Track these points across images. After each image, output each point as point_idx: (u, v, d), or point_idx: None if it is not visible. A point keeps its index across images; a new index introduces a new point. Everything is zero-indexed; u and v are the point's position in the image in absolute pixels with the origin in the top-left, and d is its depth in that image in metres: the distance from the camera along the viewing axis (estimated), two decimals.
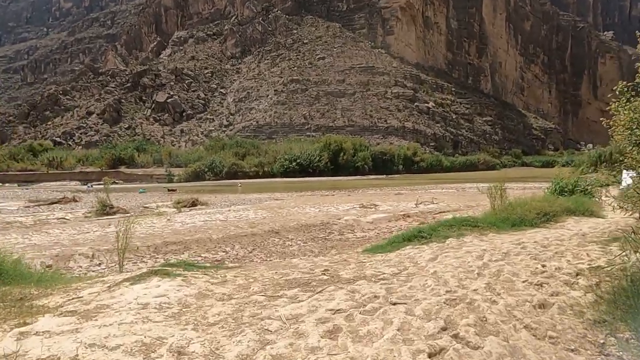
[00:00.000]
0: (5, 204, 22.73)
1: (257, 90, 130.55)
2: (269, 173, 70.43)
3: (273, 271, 4.94)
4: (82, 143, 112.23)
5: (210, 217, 13.00)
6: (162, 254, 8.14)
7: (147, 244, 8.59)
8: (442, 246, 5.90)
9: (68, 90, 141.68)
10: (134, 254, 8.08)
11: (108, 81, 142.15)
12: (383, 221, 11.83)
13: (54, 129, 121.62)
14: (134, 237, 9.30)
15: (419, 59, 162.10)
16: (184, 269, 4.97)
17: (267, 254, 8.13)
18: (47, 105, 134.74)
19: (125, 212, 16.24)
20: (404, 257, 5.31)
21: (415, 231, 7.07)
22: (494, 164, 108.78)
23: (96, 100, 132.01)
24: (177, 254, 8.15)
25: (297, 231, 10.45)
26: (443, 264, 4.60)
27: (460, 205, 15.00)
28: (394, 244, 6.92)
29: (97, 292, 3.87)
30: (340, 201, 17.88)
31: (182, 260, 5.45)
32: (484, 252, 5.11)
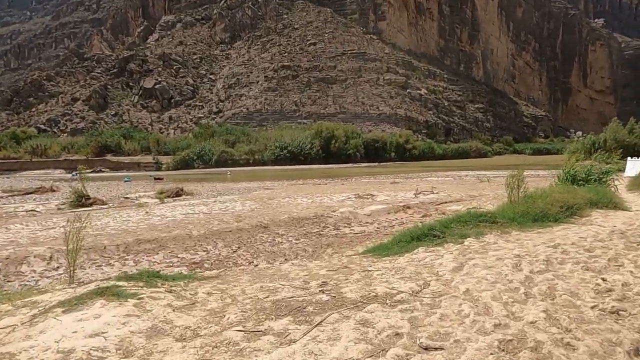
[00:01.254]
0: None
1: (247, 76, 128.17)
2: (260, 161, 69.14)
3: (258, 284, 3.93)
4: (68, 130, 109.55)
5: (193, 209, 11.91)
6: (133, 255, 7.07)
7: (117, 242, 7.50)
8: (463, 249, 4.93)
9: (52, 75, 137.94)
10: (100, 254, 7.00)
11: (94, 67, 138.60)
12: (382, 213, 10.85)
13: (38, 115, 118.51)
14: (104, 233, 8.21)
15: (411, 45, 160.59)
16: (145, 282, 3.92)
17: (254, 253, 7.10)
18: (31, 91, 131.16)
19: (102, 204, 15.07)
20: (420, 265, 4.32)
21: (425, 229, 6.09)
22: (485, 152, 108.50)
23: (81, 87, 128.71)
24: (151, 255, 7.08)
25: (288, 225, 9.42)
26: (473, 276, 3.63)
27: (462, 194, 14.08)
28: (401, 243, 5.94)
29: (13, 326, 2.83)
30: (334, 191, 16.87)
31: (145, 271, 4.40)
32: (518, 258, 4.16)
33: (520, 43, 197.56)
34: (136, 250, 7.26)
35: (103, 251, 7.12)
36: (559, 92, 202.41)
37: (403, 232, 6.67)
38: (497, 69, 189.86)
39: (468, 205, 11.60)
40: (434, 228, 6.03)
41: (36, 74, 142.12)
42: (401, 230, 8.58)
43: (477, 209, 10.92)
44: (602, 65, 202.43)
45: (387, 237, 7.94)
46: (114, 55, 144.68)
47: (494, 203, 11.73)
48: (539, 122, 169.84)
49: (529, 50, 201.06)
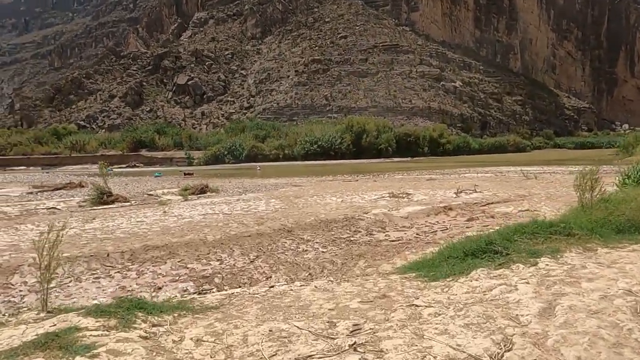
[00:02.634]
0: (9, 189, 21.54)
1: (278, 71, 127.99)
2: (290, 156, 68.60)
3: (266, 326, 2.91)
4: (105, 126, 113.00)
5: (213, 208, 11.08)
6: (138, 264, 6.23)
7: (123, 248, 6.69)
8: (541, 276, 3.73)
9: (91, 73, 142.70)
10: (101, 262, 6.20)
11: (130, 64, 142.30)
12: (420, 216, 9.64)
13: (77, 112, 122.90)
14: (112, 237, 7.45)
15: (445, 37, 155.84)
16: (119, 320, 2.98)
17: (273, 265, 6.10)
18: (71, 89, 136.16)
19: (124, 201, 14.55)
20: (487, 301, 3.18)
21: (481, 241, 4.90)
22: (524, 146, 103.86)
23: (118, 84, 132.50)
24: (157, 264, 6.22)
25: (314, 229, 8.38)
26: (578, 331, 2.47)
27: (509, 194, 12.63)
28: (451, 260, 4.78)
29: None
30: (366, 188, 15.71)
31: (126, 300, 3.48)
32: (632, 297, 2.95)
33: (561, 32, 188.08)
34: (142, 259, 6.42)
35: (105, 259, 6.31)
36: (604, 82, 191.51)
37: (452, 243, 5.50)
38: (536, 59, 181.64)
39: (519, 207, 10.21)
40: (493, 241, 4.83)
41: (76, 72, 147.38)
42: (445, 237, 7.39)
43: (531, 212, 9.53)
44: None
45: (429, 247, 6.77)
46: (148, 52, 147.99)
47: (550, 205, 10.29)
48: (581, 114, 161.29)
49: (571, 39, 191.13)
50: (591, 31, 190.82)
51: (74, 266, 6.08)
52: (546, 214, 9.02)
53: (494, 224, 8.36)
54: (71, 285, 5.41)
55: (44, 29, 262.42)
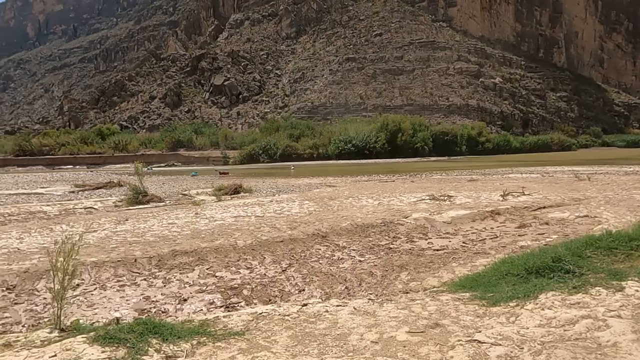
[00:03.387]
0: (53, 188, 22.27)
1: (312, 70, 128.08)
2: (324, 155, 68.30)
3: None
4: (146, 127, 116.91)
5: (246, 210, 10.76)
6: (166, 270, 5.92)
7: (151, 253, 6.42)
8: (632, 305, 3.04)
9: (133, 76, 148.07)
10: (128, 269, 5.94)
11: (169, 66, 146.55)
12: (465, 221, 8.90)
13: (120, 113, 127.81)
14: (141, 241, 7.21)
15: (484, 32, 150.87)
16: (129, 349, 2.58)
17: (307, 276, 5.63)
18: (115, 91, 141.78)
19: (159, 201, 14.55)
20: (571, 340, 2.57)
21: (547, 258, 4.22)
22: (569, 144, 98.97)
23: (158, 85, 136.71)
24: (185, 271, 5.89)
25: (350, 235, 7.86)
26: None
27: (562, 197, 11.61)
28: (510, 277, 4.14)
29: None
30: (403, 189, 15.00)
31: (141, 322, 3.09)
32: None
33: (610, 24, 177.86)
34: (170, 265, 6.12)
35: (133, 265, 6.05)
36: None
37: (508, 257, 4.83)
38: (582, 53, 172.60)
39: (575, 212, 9.27)
40: (562, 257, 4.13)
41: (119, 75, 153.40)
42: (496, 247, 6.68)
43: (591, 218, 8.60)
44: None
45: (479, 258, 6.10)
46: (187, 54, 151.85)
47: (613, 211, 9.28)
48: (632, 110, 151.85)
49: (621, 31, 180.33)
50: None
51: (100, 272, 5.84)
52: (611, 222, 8.08)
53: (550, 232, 7.54)
54: (95, 293, 5.15)
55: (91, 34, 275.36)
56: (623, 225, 7.74)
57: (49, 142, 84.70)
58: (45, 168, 69.34)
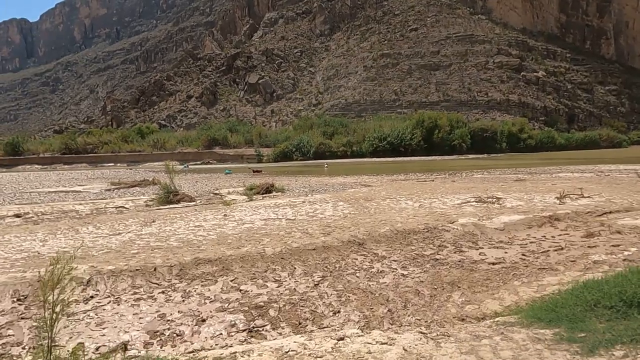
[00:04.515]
0: (90, 186, 22.62)
1: (346, 67, 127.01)
2: (358, 153, 67.32)
3: None
4: (183, 125, 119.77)
5: (277, 212, 10.17)
6: (187, 282, 5.37)
7: (172, 260, 5.89)
8: None
9: (171, 76, 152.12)
10: (147, 279, 5.43)
11: (205, 66, 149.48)
12: (520, 228, 7.91)
13: (159, 112, 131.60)
14: (164, 246, 6.72)
15: (525, 24, 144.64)
16: None
17: (342, 294, 4.90)
18: (154, 90, 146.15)
19: (190, 200, 14.24)
20: None
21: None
22: (619, 141, 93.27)
23: (195, 85, 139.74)
24: (207, 283, 5.31)
25: (390, 242, 7.08)
26: None
27: (629, 200, 10.31)
28: (600, 310, 3.26)
29: None
30: (445, 190, 13.99)
31: None
32: None
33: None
34: (192, 275, 5.56)
35: (152, 275, 5.53)
36: None
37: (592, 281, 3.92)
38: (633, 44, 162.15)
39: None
40: None
41: (158, 75, 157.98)
42: (563, 261, 5.72)
43: None
44: None
45: (546, 275, 5.18)
46: (222, 53, 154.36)
47: None
48: None
49: None
50: None
51: (117, 282, 5.35)
52: None
53: (626, 244, 6.46)
54: (108, 308, 4.64)
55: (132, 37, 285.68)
56: None
57: (93, 140, 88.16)
58: (88, 165, 72.15)
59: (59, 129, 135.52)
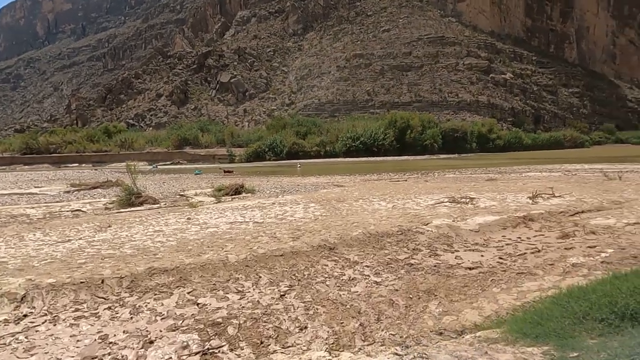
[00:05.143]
0: (48, 188, 21.36)
1: (319, 67, 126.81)
2: (331, 153, 67.12)
3: None
4: (152, 124, 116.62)
5: (244, 215, 9.65)
6: (137, 295, 4.82)
7: (124, 271, 5.31)
8: None
9: (140, 74, 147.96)
10: (92, 293, 4.84)
11: (175, 64, 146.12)
12: (495, 229, 7.71)
13: (127, 111, 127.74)
14: (116, 254, 6.13)
15: (493, 27, 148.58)
16: None
17: (310, 306, 4.48)
18: (121, 89, 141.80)
19: (154, 202, 13.49)
20: None
21: None
22: (582, 141, 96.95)
23: (165, 83, 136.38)
24: (160, 297, 4.78)
25: (362, 246, 6.72)
26: None
27: (599, 199, 10.35)
28: (589, 322, 2.97)
29: None
30: (418, 190, 13.80)
31: None
32: None
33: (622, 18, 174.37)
34: (144, 288, 5.01)
35: (98, 287, 4.95)
36: None
37: (577, 288, 3.65)
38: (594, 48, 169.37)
39: (622, 219, 8.02)
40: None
41: (126, 73, 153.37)
42: (541, 264, 5.49)
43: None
44: None
45: (525, 280, 4.91)
46: (193, 52, 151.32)
47: None
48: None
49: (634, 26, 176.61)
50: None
51: (57, 297, 4.75)
52: None
53: (602, 245, 6.32)
54: (41, 329, 4.05)
55: (99, 33, 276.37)
56: None
57: (56, 140, 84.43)
58: (50, 166, 68.95)
59: (21, 128, 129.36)
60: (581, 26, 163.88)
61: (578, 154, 60.70)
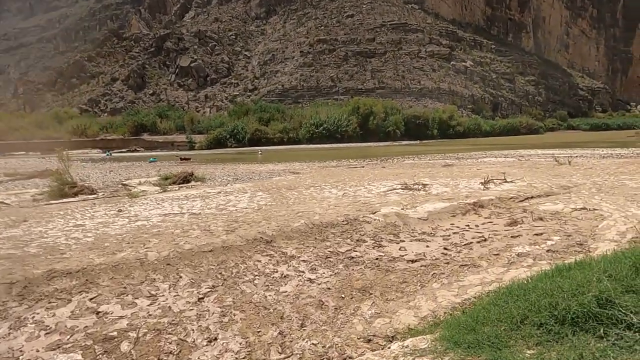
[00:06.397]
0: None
1: (283, 52, 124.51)
2: (294, 139, 66.33)
3: None
4: (108, 110, 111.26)
5: (183, 205, 8.93)
6: (28, 305, 4.11)
7: (17, 275, 4.56)
8: None
9: (93, 56, 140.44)
10: None
11: (132, 46, 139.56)
12: (444, 216, 7.40)
13: (80, 96, 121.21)
14: (17, 254, 5.33)
15: (455, 15, 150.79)
16: None
17: (228, 311, 3.92)
18: (73, 72, 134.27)
19: (90, 193, 12.46)
20: None
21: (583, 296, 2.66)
22: (537, 128, 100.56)
23: (120, 66, 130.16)
24: (55, 305, 4.09)
25: (303, 238, 6.22)
26: None
27: (548, 184, 10.32)
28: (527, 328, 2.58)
29: None
30: (373, 177, 13.45)
31: None
32: None
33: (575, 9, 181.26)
34: (39, 294, 4.29)
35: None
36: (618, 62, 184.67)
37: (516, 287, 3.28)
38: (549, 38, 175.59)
39: (570, 204, 7.92)
40: (612, 298, 2.58)
41: (78, 55, 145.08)
42: (487, 255, 5.18)
43: (590, 211, 7.25)
44: None
45: (468, 274, 4.56)
46: (151, 34, 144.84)
47: (611, 201, 7.98)
48: (595, 95, 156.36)
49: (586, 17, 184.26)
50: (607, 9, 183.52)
51: None
52: (615, 217, 6.73)
53: (549, 232, 6.10)
54: None
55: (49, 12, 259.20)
56: (632, 221, 6.41)
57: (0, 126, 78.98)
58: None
59: None
60: (537, 16, 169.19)
61: (533, 140, 62.86)
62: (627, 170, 13.23)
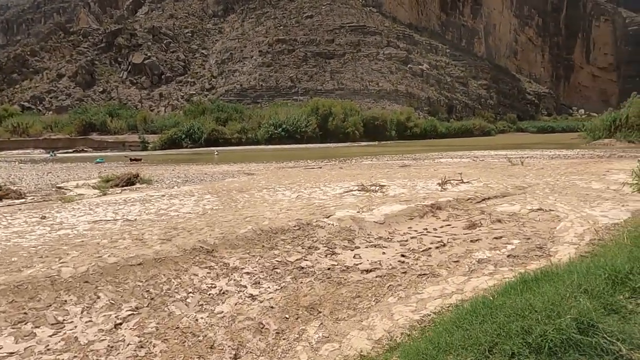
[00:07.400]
0: None
1: (241, 51, 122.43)
2: (253, 140, 65.10)
3: None
4: (53, 108, 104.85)
5: (119, 210, 8.05)
6: None
7: None
8: None
9: (37, 51, 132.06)
10: None
11: (80, 41, 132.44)
12: (401, 220, 7.03)
13: (21, 93, 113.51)
14: None
15: (411, 19, 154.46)
16: None
17: (147, 340, 3.27)
18: (14, 67, 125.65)
19: (17, 197, 11.20)
20: None
21: (566, 321, 2.26)
22: (489, 130, 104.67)
23: (67, 62, 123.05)
24: None
25: (250, 246, 5.61)
26: None
27: (504, 185, 10.27)
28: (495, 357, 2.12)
29: None
30: (330, 178, 13.00)
31: None
32: None
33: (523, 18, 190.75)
34: None
35: None
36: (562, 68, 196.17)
37: (484, 306, 2.87)
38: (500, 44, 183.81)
39: (526, 205, 7.81)
40: (593, 322, 2.20)
41: (19, 49, 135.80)
42: (446, 261, 4.80)
43: (546, 212, 7.12)
44: (606, 41, 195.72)
45: (427, 285, 4.14)
46: (101, 29, 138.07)
47: (565, 201, 7.93)
48: (541, 99, 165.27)
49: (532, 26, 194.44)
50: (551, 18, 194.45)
51: None
52: (571, 217, 6.61)
53: (508, 235, 5.85)
54: None
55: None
56: (588, 222, 6.30)
57: None
58: None
59: None
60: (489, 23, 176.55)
61: (485, 141, 65.10)
62: (576, 170, 13.56)
